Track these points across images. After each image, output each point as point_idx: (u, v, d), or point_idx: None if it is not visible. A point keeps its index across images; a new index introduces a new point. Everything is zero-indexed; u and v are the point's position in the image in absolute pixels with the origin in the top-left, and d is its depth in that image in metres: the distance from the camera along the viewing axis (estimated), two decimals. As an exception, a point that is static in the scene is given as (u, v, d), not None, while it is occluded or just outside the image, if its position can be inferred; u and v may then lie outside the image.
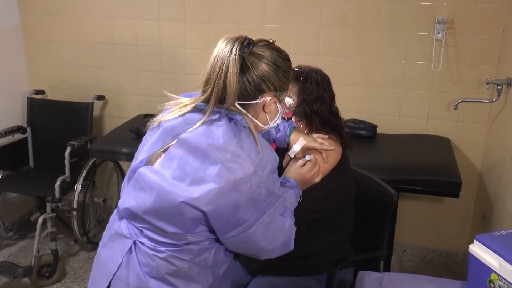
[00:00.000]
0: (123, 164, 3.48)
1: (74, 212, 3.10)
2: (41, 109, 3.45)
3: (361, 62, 3.04)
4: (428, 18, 2.86)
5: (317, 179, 1.71)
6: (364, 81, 3.07)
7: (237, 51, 1.33)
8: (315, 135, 1.85)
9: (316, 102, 1.87)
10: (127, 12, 3.30)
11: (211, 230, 1.39)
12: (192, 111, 1.42)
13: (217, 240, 1.43)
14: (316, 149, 1.79)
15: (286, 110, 1.54)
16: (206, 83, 1.38)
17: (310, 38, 3.06)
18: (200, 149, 1.33)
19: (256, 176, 1.33)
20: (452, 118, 2.99)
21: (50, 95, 3.58)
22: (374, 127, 2.99)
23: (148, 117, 3.20)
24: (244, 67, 1.35)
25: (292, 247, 1.52)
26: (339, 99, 2.00)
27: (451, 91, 2.94)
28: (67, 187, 3.12)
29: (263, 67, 1.37)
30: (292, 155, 1.76)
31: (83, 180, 3.16)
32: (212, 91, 1.36)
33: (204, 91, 1.39)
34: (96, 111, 3.47)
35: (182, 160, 1.34)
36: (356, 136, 2.91)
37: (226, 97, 1.35)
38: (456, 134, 3.02)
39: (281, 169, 1.92)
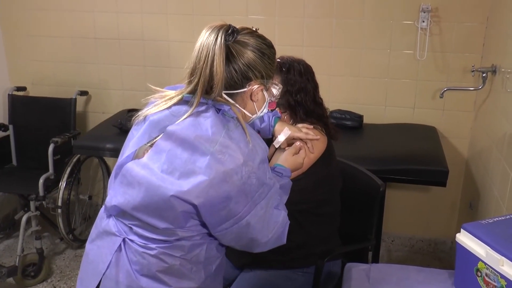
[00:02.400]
0: (108, 160, 3.44)
1: (59, 210, 3.05)
2: (23, 106, 3.39)
3: (346, 52, 3.02)
4: (413, 6, 2.84)
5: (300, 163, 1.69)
6: (350, 71, 3.05)
7: (222, 39, 1.30)
8: (299, 125, 1.82)
9: (300, 92, 1.85)
10: (109, 5, 3.24)
11: (203, 224, 1.36)
12: (178, 103, 1.39)
13: (209, 235, 1.40)
14: (301, 139, 1.76)
15: (273, 98, 1.51)
16: (192, 74, 1.35)
17: (294, 28, 3.03)
18: (188, 141, 1.30)
19: (246, 167, 1.31)
20: (438, 106, 2.99)
21: (32, 92, 3.52)
22: (360, 117, 2.98)
23: (132, 112, 3.15)
24: (229, 55, 1.32)
25: (284, 240, 1.49)
26: (325, 90, 1.99)
27: (436, 80, 2.93)
28: (52, 185, 3.07)
29: (249, 54, 1.34)
30: (277, 146, 1.75)
31: (68, 177, 3.12)
32: (198, 81, 1.33)
33: (190, 82, 1.36)
34: (79, 107, 3.42)
35: (171, 153, 1.31)
36: (342, 127, 2.90)
37: (213, 87, 1.32)
38: (442, 123, 3.01)
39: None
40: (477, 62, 2.80)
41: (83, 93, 3.38)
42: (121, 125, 2.94)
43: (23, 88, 3.47)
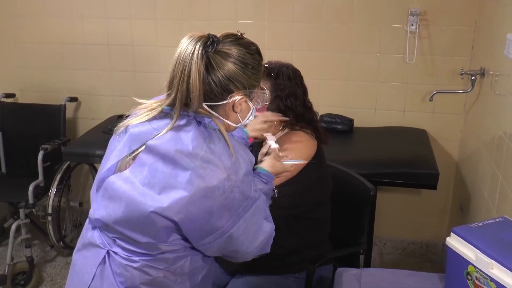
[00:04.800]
0: (98, 166, 3.41)
1: (49, 217, 3.03)
2: (12, 113, 3.36)
3: (335, 56, 3.02)
4: (401, 10, 2.85)
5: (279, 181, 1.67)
6: (340, 75, 3.05)
7: (200, 52, 1.26)
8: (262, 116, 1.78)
9: (290, 97, 1.84)
10: (98, 11, 3.23)
11: (185, 238, 1.34)
12: (158, 115, 1.36)
13: (193, 247, 1.38)
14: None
15: (259, 105, 1.49)
16: (170, 87, 1.33)
17: (283, 33, 3.03)
18: (169, 156, 1.28)
19: (229, 181, 1.28)
20: (428, 109, 3.00)
21: (21, 98, 3.49)
22: (350, 121, 2.98)
23: (122, 117, 3.15)
24: (209, 67, 1.28)
25: (268, 250, 1.48)
26: (315, 94, 1.99)
27: (426, 83, 2.94)
28: (41, 192, 3.05)
29: (229, 66, 1.30)
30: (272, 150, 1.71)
31: (58, 184, 3.09)
32: (175, 96, 1.30)
33: (168, 95, 1.34)
34: (69, 113, 3.40)
35: (152, 167, 1.29)
36: (333, 131, 2.90)
37: (191, 101, 1.29)
38: (433, 126, 3.02)
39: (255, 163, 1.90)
40: (466, 65, 2.82)
41: (73, 99, 3.36)
42: (111, 131, 2.88)
43: (12, 95, 3.44)
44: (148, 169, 1.29)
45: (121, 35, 3.25)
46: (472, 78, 2.66)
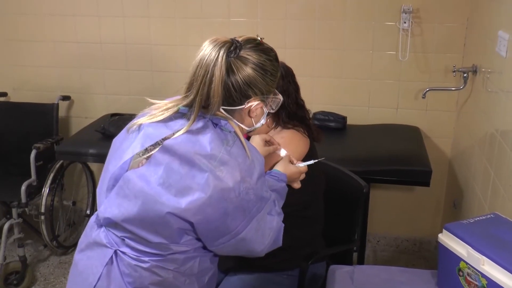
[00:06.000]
0: (92, 165, 3.41)
1: (42, 217, 3.02)
2: (4, 112, 3.34)
3: (328, 53, 3.02)
4: (394, 7, 2.86)
5: (297, 185, 1.69)
6: (332, 73, 3.05)
7: (223, 59, 1.27)
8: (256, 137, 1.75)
9: (282, 95, 1.83)
10: (90, 9, 3.21)
11: (198, 239, 1.35)
12: (174, 115, 1.35)
13: (203, 248, 1.38)
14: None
15: (273, 110, 1.49)
16: (189, 89, 1.32)
17: (276, 30, 3.03)
18: (186, 157, 1.27)
19: (244, 183, 1.29)
20: (421, 107, 3.00)
21: (13, 97, 3.47)
22: (343, 118, 2.99)
23: (115, 116, 3.15)
24: (229, 72, 1.29)
25: (280, 243, 1.49)
26: (308, 91, 1.99)
27: (419, 80, 2.95)
28: (34, 191, 3.04)
29: (250, 72, 1.31)
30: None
31: (51, 183, 3.08)
32: (194, 98, 1.30)
33: (186, 96, 1.33)
34: (62, 112, 3.39)
35: (168, 167, 1.28)
36: (326, 128, 2.91)
37: (210, 105, 1.30)
38: (426, 123, 3.03)
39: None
40: (458, 62, 2.83)
41: (66, 98, 3.34)
42: (104, 130, 2.91)
43: (4, 94, 3.43)
44: (164, 168, 1.28)
45: (114, 33, 3.24)
46: (465, 75, 2.67)
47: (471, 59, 2.66)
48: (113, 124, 2.91)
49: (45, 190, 3.04)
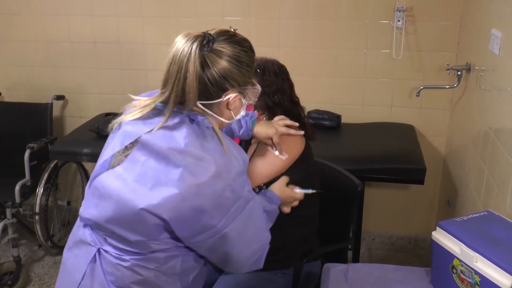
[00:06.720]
0: (86, 165, 3.40)
1: (37, 217, 3.01)
2: (-2, 112, 3.34)
3: (323, 52, 3.03)
4: (388, 6, 2.86)
5: (286, 210, 1.70)
6: (327, 72, 3.06)
7: (196, 53, 1.25)
8: (276, 118, 1.81)
9: (277, 93, 1.84)
10: (84, 8, 3.20)
11: (176, 237, 1.33)
12: (151, 112, 1.35)
13: (185, 247, 1.37)
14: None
15: (252, 101, 1.48)
16: (164, 85, 1.31)
17: (270, 30, 3.03)
18: (161, 153, 1.27)
19: (221, 179, 1.27)
20: (415, 105, 3.01)
21: (7, 97, 3.46)
22: (338, 117, 2.99)
23: (109, 115, 3.14)
24: (204, 66, 1.27)
25: (261, 265, 1.47)
26: (302, 90, 1.99)
27: (413, 79, 2.96)
28: (28, 191, 3.03)
29: (225, 65, 1.29)
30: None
31: (45, 183, 3.07)
32: (170, 94, 1.29)
33: (162, 93, 1.32)
34: (56, 112, 3.38)
35: (145, 164, 1.28)
36: (320, 127, 2.91)
37: (185, 101, 1.29)
38: (420, 121, 3.04)
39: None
40: (452, 60, 2.83)
41: (60, 97, 3.33)
42: (98, 129, 2.90)
43: (-2, 94, 3.42)
44: (141, 166, 1.29)
45: (108, 32, 3.23)
46: (458, 73, 2.67)
47: (464, 57, 2.67)
48: (107, 123, 2.87)
49: (40, 190, 3.03)
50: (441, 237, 1.51)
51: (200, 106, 1.32)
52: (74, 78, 3.37)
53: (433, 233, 1.54)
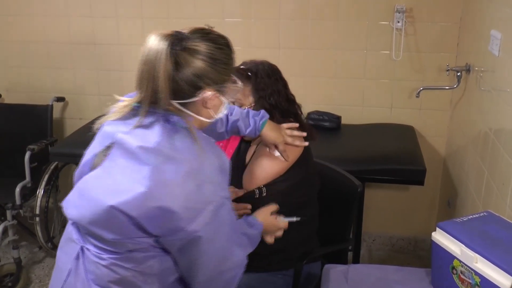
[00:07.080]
0: (86, 166, 3.40)
1: (37, 218, 3.01)
2: (-2, 114, 3.34)
3: (322, 53, 3.03)
4: (388, 7, 2.86)
5: (270, 240, 1.70)
6: (327, 73, 3.06)
7: (166, 52, 1.24)
8: (284, 125, 1.82)
9: (273, 95, 1.85)
10: (83, 9, 3.21)
11: (152, 236, 1.31)
12: (131, 112, 1.35)
13: (162, 248, 1.35)
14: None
15: (232, 99, 1.47)
16: (138, 86, 1.31)
17: (270, 31, 3.03)
18: (131, 151, 1.27)
19: (191, 180, 1.26)
20: (415, 106, 3.01)
21: (7, 99, 3.46)
22: (338, 118, 2.99)
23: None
24: (177, 65, 1.25)
25: None
26: (302, 91, 1.99)
27: (412, 79, 2.96)
28: (29, 193, 3.03)
29: (198, 63, 1.27)
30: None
31: (46, 185, 3.07)
32: (143, 94, 1.30)
33: (138, 93, 1.33)
34: (56, 113, 3.38)
35: (118, 162, 1.29)
36: (320, 128, 2.91)
37: (158, 101, 1.27)
38: (420, 122, 3.04)
39: (244, 163, 1.91)
40: (451, 61, 2.84)
41: (60, 99, 3.33)
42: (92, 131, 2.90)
43: (-2, 95, 3.42)
44: (115, 164, 1.30)
45: (108, 34, 3.23)
46: (458, 74, 2.68)
47: (464, 58, 2.67)
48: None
49: (40, 192, 3.03)
50: (441, 237, 1.51)
51: (176, 105, 1.31)
52: (74, 80, 3.38)
53: (433, 233, 1.54)
